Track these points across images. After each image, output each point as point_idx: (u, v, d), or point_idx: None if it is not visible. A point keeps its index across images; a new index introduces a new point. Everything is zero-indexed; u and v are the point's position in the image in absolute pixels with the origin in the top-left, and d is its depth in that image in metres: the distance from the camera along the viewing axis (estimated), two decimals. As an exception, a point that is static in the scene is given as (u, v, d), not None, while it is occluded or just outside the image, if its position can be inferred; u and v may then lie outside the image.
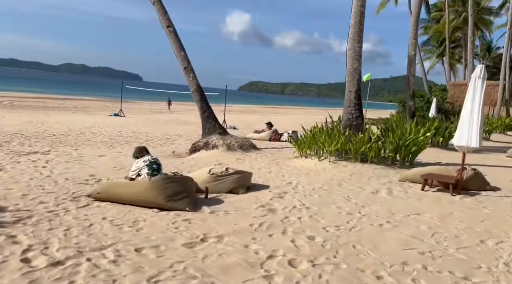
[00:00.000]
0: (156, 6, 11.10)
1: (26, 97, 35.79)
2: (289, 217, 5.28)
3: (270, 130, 15.07)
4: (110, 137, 14.11)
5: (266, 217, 5.22)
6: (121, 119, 22.35)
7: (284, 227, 4.85)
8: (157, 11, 11.17)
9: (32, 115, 20.72)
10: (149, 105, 40.54)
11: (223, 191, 6.41)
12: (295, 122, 28.58)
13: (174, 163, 9.16)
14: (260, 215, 5.29)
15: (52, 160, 8.66)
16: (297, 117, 36.62)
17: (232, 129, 20.94)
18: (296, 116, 38.81)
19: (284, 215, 5.34)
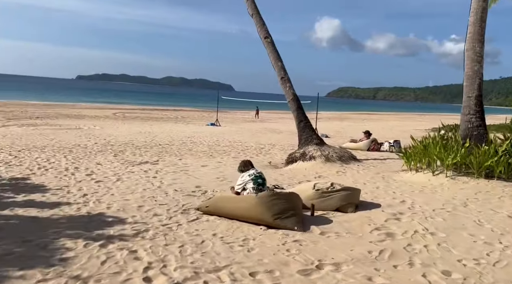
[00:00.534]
0: (255, 19, 11.16)
1: (135, 109, 39.31)
2: (412, 244, 4.65)
3: (369, 139, 14.18)
4: (209, 146, 14.57)
5: (385, 243, 4.66)
6: (217, 129, 23.13)
7: (410, 257, 4.25)
8: (256, 23, 11.22)
9: (140, 126, 22.48)
10: (241, 114, 41.67)
11: (330, 208, 5.98)
12: (390, 129, 26.91)
13: (272, 174, 8.97)
14: (378, 240, 4.75)
15: (161, 170, 9.06)
16: (392, 123, 34.52)
17: (324, 137, 20.36)
18: (390, 122, 36.64)
19: (406, 242, 4.72)
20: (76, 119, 24.25)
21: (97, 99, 64.38)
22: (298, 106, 10.62)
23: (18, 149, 11.87)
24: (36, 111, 28.38)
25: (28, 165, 8.94)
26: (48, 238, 4.44)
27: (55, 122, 21.68)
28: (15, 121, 21.29)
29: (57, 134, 16.55)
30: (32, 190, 6.69)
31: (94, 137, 16.18)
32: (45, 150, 11.90)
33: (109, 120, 24.90)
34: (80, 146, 13.33)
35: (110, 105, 47.18)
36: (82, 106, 38.76)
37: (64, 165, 9.21)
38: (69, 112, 29.87)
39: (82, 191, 6.81)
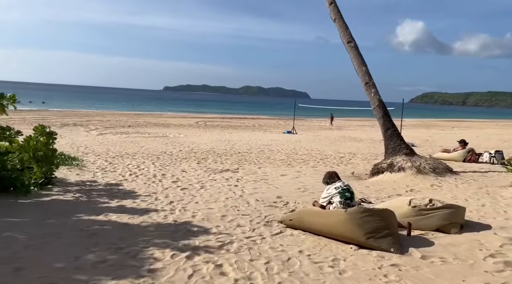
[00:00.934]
0: (337, 23, 10.69)
1: (215, 118, 40.72)
2: (541, 278, 3.84)
3: (465, 149, 12.73)
4: (286, 154, 14.30)
5: (505, 275, 3.91)
6: (293, 136, 22.82)
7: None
8: (338, 27, 10.74)
9: (220, 134, 23.05)
10: (317, 122, 40.90)
11: (429, 228, 5.29)
12: (487, 138, 24.13)
13: (357, 186, 8.36)
14: (495, 270, 4.01)
15: (241, 178, 8.98)
16: (488, 132, 31.11)
17: (410, 146, 18.96)
18: (486, 130, 33.09)
19: (532, 275, 3.92)
20: (163, 128, 25.68)
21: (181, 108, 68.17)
22: (385, 112, 9.83)
23: (113, 155, 12.72)
24: (128, 120, 30.69)
25: (121, 171, 9.46)
26: (138, 247, 4.47)
27: (145, 130, 23.16)
28: (110, 129, 23.17)
29: (146, 141, 17.57)
30: (124, 196, 6.99)
31: (179, 144, 16.87)
32: (136, 157, 12.60)
33: (192, 128, 25.96)
34: (166, 153, 13.92)
35: (192, 114, 49.56)
36: (168, 115, 41.17)
37: (152, 172, 9.59)
38: (156, 121, 31.83)
39: (169, 198, 6.93)
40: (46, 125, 7.54)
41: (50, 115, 32.97)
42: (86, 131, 21.42)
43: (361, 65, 10.20)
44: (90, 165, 10.24)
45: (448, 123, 45.47)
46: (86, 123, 26.36)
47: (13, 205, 6.15)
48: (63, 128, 22.75)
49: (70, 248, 4.37)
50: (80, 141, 16.59)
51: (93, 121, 27.92)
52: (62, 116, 32.49)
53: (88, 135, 19.68)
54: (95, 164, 10.49)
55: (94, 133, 20.53)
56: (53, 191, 7.11)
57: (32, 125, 24.01)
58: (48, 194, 6.86)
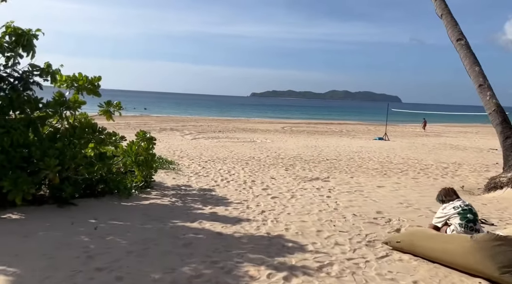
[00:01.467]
0: (445, 19, 9.50)
1: (301, 123, 40.28)
2: None
3: None
4: (380, 163, 13.23)
5: None
6: (385, 143, 21.32)
7: None
8: (446, 24, 9.53)
9: (306, 140, 22.51)
10: (411, 127, 38.00)
11: None
12: None
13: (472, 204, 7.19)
14: None
15: (333, 189, 8.36)
16: None
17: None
18: None
19: None
20: (251, 133, 26.00)
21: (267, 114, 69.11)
22: (504, 119, 8.37)
23: (205, 159, 13.01)
24: (219, 126, 31.78)
25: (213, 176, 9.51)
26: (233, 261, 4.21)
27: (234, 135, 23.65)
28: (203, 134, 24.12)
29: (236, 146, 17.81)
30: (216, 202, 6.89)
31: (266, 150, 16.76)
32: (226, 161, 12.72)
33: (278, 134, 25.84)
34: (254, 158, 13.86)
35: (278, 119, 49.81)
36: (255, 121, 41.84)
37: (242, 177, 9.48)
38: (244, 126, 32.45)
39: (260, 207, 6.64)
40: (147, 131, 7.84)
41: (151, 120, 35.66)
42: (181, 136, 22.56)
43: (473, 65, 8.86)
44: (185, 169, 10.52)
45: None
46: (181, 128, 27.86)
47: (117, 207, 6.41)
48: (162, 132, 24.29)
49: (167, 257, 4.28)
50: (176, 145, 17.43)
51: (188, 126, 29.43)
52: (161, 121, 34.90)
53: (183, 139, 20.66)
54: (189, 168, 10.75)
55: (188, 138, 21.51)
56: (151, 194, 7.32)
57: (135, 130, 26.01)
58: (147, 197, 7.07)
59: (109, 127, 8.63)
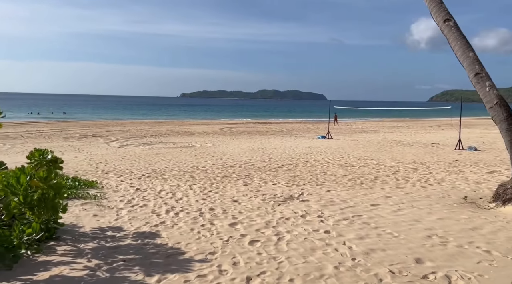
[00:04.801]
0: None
1: (239, 123, 38.16)
2: None
3: None
4: (342, 167, 11.53)
5: None
6: (330, 142, 20.04)
7: None
8: (429, 3, 7.93)
9: (250, 141, 20.44)
10: (346, 124, 37.92)
11: None
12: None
13: (487, 224, 5.52)
14: None
15: (322, 214, 6.03)
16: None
17: (472, 151, 15.94)
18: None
19: None
20: (187, 136, 23.22)
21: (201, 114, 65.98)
22: (509, 114, 6.85)
23: (138, 175, 10.21)
24: (150, 129, 28.34)
25: (153, 205, 6.82)
26: None
27: (168, 140, 20.70)
28: (132, 140, 20.79)
29: (173, 153, 15.08)
30: (167, 264, 4.19)
31: (210, 156, 14.34)
32: (166, 176, 10.06)
33: (218, 136, 23.43)
34: (199, 168, 11.37)
35: (215, 120, 47.09)
36: (191, 123, 38.72)
37: (194, 204, 6.94)
38: (179, 129, 29.41)
39: (239, 267, 4.10)
40: (46, 150, 4.95)
41: (69, 126, 30.92)
42: (106, 143, 19.07)
43: (466, 50, 7.31)
44: (111, 195, 7.67)
45: (486, 121, 41.77)
46: (106, 133, 24.08)
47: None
48: (82, 140, 20.48)
49: None
50: (99, 156, 14.19)
51: (113, 132, 25.64)
52: (81, 126, 30.39)
53: (109, 147, 17.30)
54: (118, 192, 7.93)
55: (115, 145, 18.15)
56: (56, 253, 4.49)
57: (49, 139, 21.87)
58: (47, 262, 4.23)
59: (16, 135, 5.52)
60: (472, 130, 29.36)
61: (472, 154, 14.98)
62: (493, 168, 10.94)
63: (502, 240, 4.67)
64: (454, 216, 5.87)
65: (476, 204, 6.84)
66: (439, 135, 24.46)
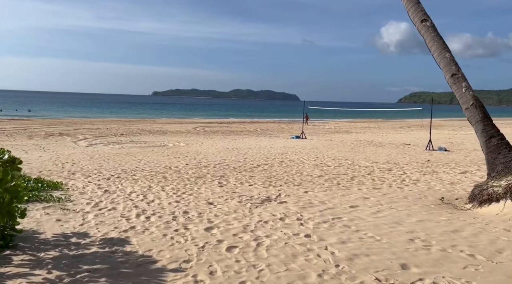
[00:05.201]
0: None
1: (213, 122, 37.63)
2: None
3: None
4: (317, 167, 11.44)
5: None
6: (304, 142, 20.03)
7: None
8: (406, 3, 7.90)
9: (224, 141, 20.12)
10: (319, 124, 38.20)
11: None
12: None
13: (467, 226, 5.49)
14: None
15: (302, 217, 5.81)
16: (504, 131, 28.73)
17: (442, 151, 16.31)
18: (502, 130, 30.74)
19: None
20: (159, 135, 22.58)
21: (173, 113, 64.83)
22: (485, 115, 6.92)
23: (107, 176, 9.71)
24: (120, 128, 27.42)
25: (123, 209, 6.39)
26: None
27: (140, 139, 20.04)
28: (101, 138, 19.98)
29: (144, 153, 14.54)
30: (138, 275, 3.86)
31: (183, 156, 13.93)
32: (136, 176, 9.61)
33: (191, 135, 22.93)
34: (171, 169, 10.97)
35: (188, 119, 46.27)
36: (163, 121, 37.82)
37: (167, 207, 6.56)
38: (151, 128, 28.63)
39: (217, 277, 3.80)
40: (3, 149, 4.46)
41: (34, 124, 29.44)
42: (73, 142, 18.20)
43: (443, 51, 7.31)
44: (77, 197, 7.17)
45: (453, 122, 43.30)
46: (74, 132, 23.05)
47: None
48: (48, 138, 19.47)
49: None
50: (66, 155, 13.47)
51: (82, 130, 24.60)
52: (47, 124, 29.00)
53: (76, 146, 16.51)
54: (85, 195, 7.43)
55: (82, 144, 17.35)
56: (11, 264, 4.03)
57: (11, 137, 20.69)
58: (0, 275, 3.81)
59: None
60: (440, 131, 30.22)
61: (442, 154, 15.30)
62: (464, 169, 11.15)
63: (485, 243, 4.60)
64: (434, 218, 5.80)
65: (453, 205, 6.84)
66: (410, 136, 24.97)
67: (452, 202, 7.03)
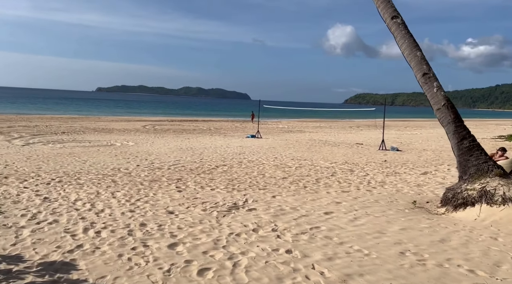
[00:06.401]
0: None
1: (163, 120, 36.01)
2: None
3: (508, 158, 10.31)
4: (278, 168, 11.00)
5: None
6: (260, 141, 19.63)
7: None
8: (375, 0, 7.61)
9: (177, 140, 19.13)
10: (272, 124, 38.09)
11: None
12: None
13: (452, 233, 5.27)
14: None
15: (277, 228, 5.19)
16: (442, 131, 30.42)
17: (394, 151, 16.66)
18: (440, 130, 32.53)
19: None
20: (105, 134, 20.97)
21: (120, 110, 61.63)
22: (456, 116, 6.76)
23: (47, 179, 8.51)
24: (61, 126, 25.21)
25: (66, 222, 5.38)
26: None
27: (83, 138, 18.41)
28: (40, 137, 18.07)
29: (89, 153, 13.22)
30: None
31: (133, 156, 12.84)
32: (81, 180, 8.50)
33: (141, 134, 21.57)
34: (121, 171, 9.95)
35: (136, 116, 44.00)
36: (109, 119, 35.49)
37: (121, 218, 5.65)
38: (95, 125, 26.66)
39: None
40: None
41: (-41, 119, 26.24)
42: (7, 140, 16.24)
43: (414, 49, 7.10)
44: (10, 207, 6.02)
45: (396, 122, 45.31)
46: (8, 130, 20.71)
47: None
48: (-25, 137, 17.25)
49: None
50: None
51: (17, 127, 22.21)
52: (-25, 121, 25.99)
53: (10, 145, 14.68)
54: (19, 203, 6.28)
55: (18, 143, 15.51)
56: None
57: None
58: None
59: None
60: (388, 131, 31.26)
61: (396, 154, 15.53)
62: (423, 169, 11.25)
63: (478, 256, 4.32)
64: (415, 225, 5.49)
65: (425, 209, 6.64)
66: (360, 136, 25.50)
67: (424, 206, 6.84)
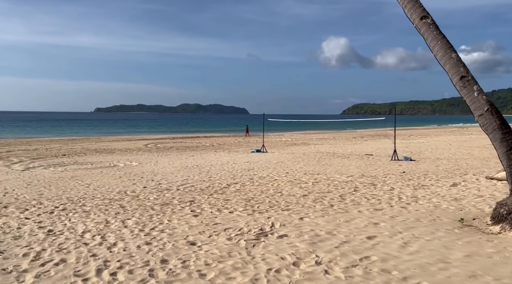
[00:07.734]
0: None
1: (165, 138, 35.33)
2: None
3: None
4: (295, 184, 10.27)
5: None
6: (267, 156, 18.94)
7: None
8: (401, 1, 7.02)
9: (181, 158, 18.41)
10: (276, 137, 37.45)
11: None
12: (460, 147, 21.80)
13: None
14: None
15: (319, 258, 4.57)
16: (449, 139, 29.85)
17: (408, 161, 15.93)
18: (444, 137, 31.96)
19: None
20: (107, 154, 20.24)
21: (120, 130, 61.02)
22: (502, 122, 6.08)
23: (50, 207, 7.78)
24: (62, 148, 24.48)
25: (76, 262, 4.62)
26: None
27: (85, 159, 17.68)
28: (40, 161, 17.32)
29: (92, 176, 12.49)
30: None
31: (138, 177, 12.13)
32: (87, 207, 7.78)
33: (144, 153, 20.84)
34: (128, 194, 9.24)
35: (137, 135, 43.32)
36: (110, 139, 34.77)
37: (137, 254, 4.90)
38: (96, 146, 25.93)
39: None
40: None
41: (-44, 145, 25.46)
42: (6, 166, 15.51)
43: (448, 51, 6.46)
44: (10, 245, 5.26)
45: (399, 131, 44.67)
46: (7, 154, 19.96)
47: None
48: (-28, 163, 16.48)
49: None
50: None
51: (16, 152, 21.46)
52: (-27, 146, 25.22)
53: (10, 171, 13.94)
54: (21, 240, 5.52)
55: (18, 168, 14.78)
56: None
57: None
58: None
59: None
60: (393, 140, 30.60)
61: (411, 164, 14.84)
62: (450, 180, 10.52)
63: None
64: (479, 250, 4.74)
65: (475, 228, 5.90)
66: (367, 146, 24.86)
67: (472, 224, 6.10)
